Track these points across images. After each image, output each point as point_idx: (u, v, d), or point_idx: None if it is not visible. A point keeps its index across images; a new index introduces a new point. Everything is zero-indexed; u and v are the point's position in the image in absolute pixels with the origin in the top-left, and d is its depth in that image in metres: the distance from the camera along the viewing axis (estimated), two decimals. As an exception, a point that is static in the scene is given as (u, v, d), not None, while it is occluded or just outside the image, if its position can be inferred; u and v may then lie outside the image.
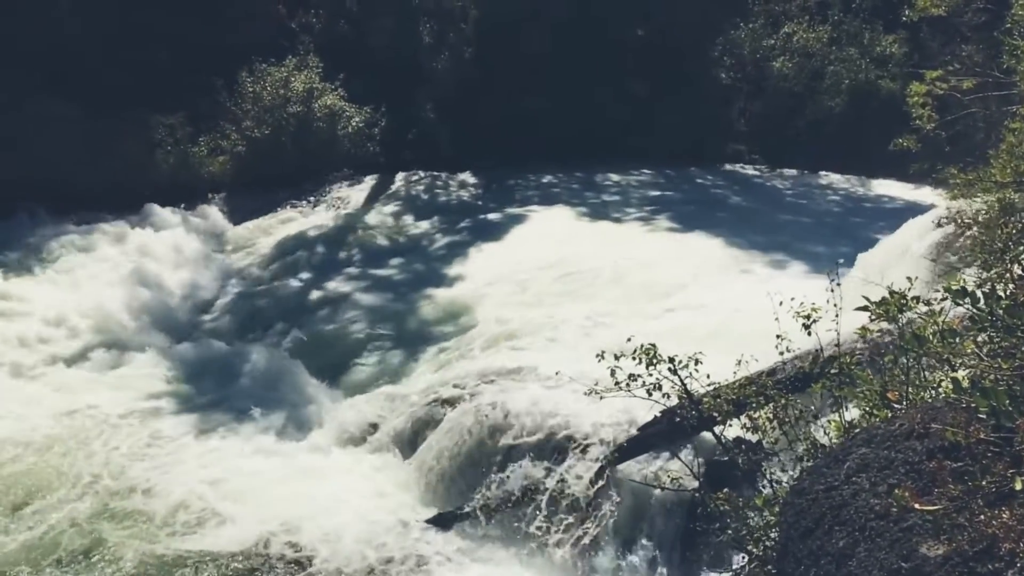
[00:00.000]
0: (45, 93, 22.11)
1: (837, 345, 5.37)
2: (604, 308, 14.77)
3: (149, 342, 15.78)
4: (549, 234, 20.04)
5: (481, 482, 10.77)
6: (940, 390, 4.33)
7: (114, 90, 22.73)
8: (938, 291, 4.27)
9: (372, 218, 22.84)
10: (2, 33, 22.74)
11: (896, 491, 3.04)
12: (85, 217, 20.88)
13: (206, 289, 18.93)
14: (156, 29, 24.04)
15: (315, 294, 18.00)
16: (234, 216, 23.31)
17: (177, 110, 24.45)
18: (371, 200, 24.37)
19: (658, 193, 24.72)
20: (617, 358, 5.69)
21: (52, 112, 22.04)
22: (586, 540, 9.70)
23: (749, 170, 28.64)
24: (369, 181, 25.53)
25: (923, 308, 4.28)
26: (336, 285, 18.24)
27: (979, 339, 3.79)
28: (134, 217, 21.52)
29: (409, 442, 11.91)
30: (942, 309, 4.14)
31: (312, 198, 24.29)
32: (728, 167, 28.71)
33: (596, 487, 9.77)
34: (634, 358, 5.74)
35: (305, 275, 19.11)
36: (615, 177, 26.26)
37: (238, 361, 14.96)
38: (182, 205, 22.77)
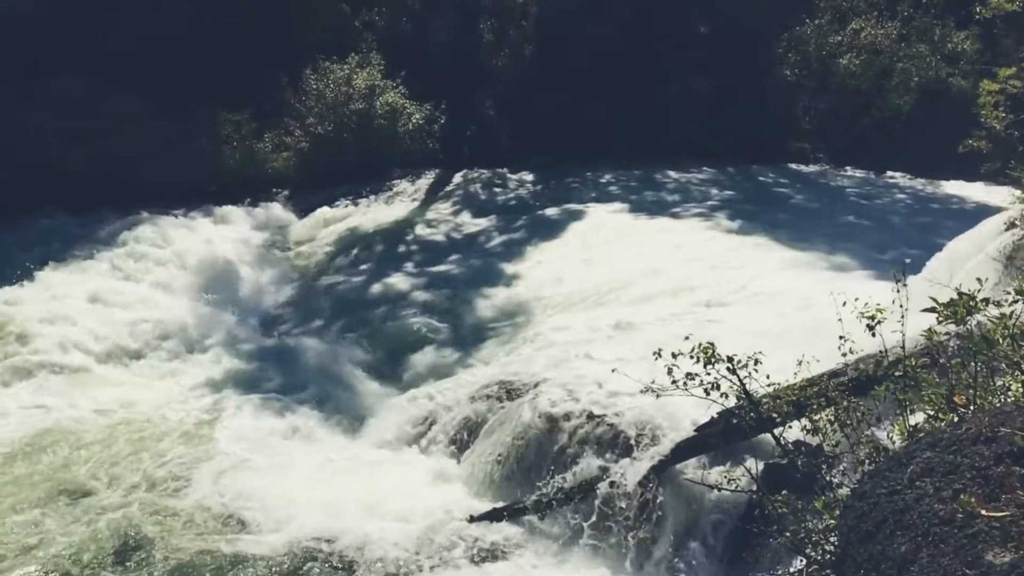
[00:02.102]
0: (118, 92, 22.88)
1: (902, 347, 5.25)
2: (662, 307, 14.65)
3: (210, 335, 16.06)
4: (608, 233, 19.95)
5: (535, 479, 10.79)
6: (1009, 394, 4.22)
7: (184, 88, 23.38)
8: (1009, 293, 4.15)
9: (431, 214, 23.04)
10: (78, 34, 23.55)
11: (961, 496, 2.97)
12: (154, 211, 21.41)
13: (268, 283, 19.33)
14: (224, 28, 24.62)
15: (374, 289, 18.22)
16: (297, 211, 23.78)
17: (243, 107, 25.03)
18: (430, 196, 24.59)
19: (719, 192, 24.42)
20: (675, 356, 5.64)
21: (125, 110, 22.84)
22: (641, 539, 9.66)
23: (813, 169, 28.13)
24: (428, 177, 25.78)
25: (993, 311, 4.17)
26: (394, 280, 18.44)
27: (1052, 343, 3.69)
28: (201, 211, 22.08)
29: (463, 438, 11.98)
30: (1013, 312, 4.03)
31: (372, 194, 24.62)
32: (792, 166, 28.24)
33: (652, 486, 9.70)
34: (691, 357, 5.68)
35: (364, 270, 19.38)
36: (675, 175, 26.03)
37: (297, 355, 15.20)
38: (247, 200, 23.28)
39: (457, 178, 26.02)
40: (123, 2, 23.85)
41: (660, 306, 14.65)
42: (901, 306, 5.25)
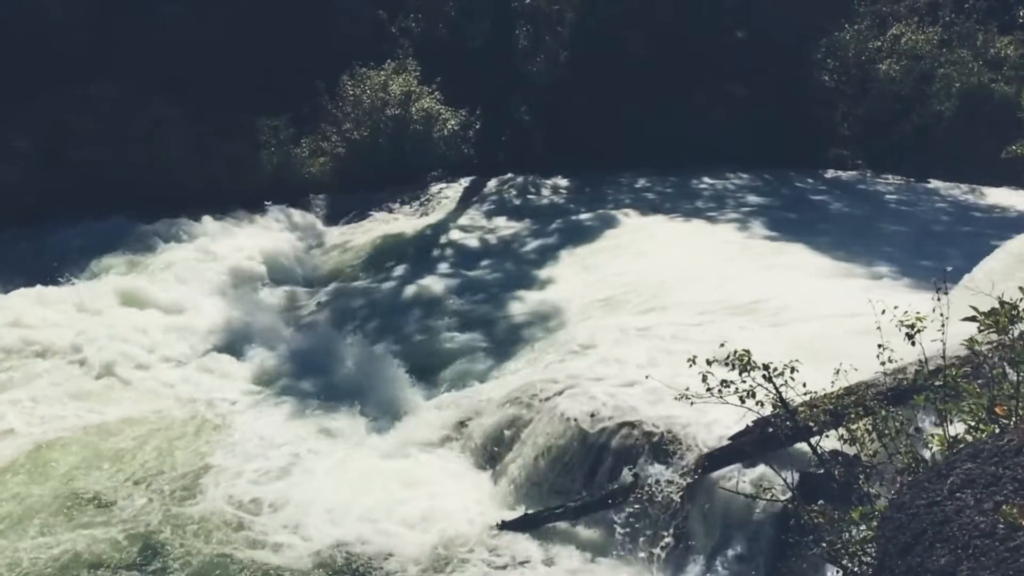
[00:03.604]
0: (155, 96, 23.20)
1: (943, 357, 5.17)
2: (697, 315, 14.55)
3: (242, 340, 16.00)
4: (642, 239, 19.85)
5: (567, 485, 10.75)
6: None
7: (222, 94, 23.66)
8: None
9: (465, 219, 23.09)
10: (113, 37, 23.98)
11: (1003, 508, 2.92)
12: (191, 216, 21.62)
13: (303, 287, 19.49)
14: (262, 34, 24.91)
15: (407, 294, 18.28)
16: (332, 216, 23.98)
17: (281, 112, 25.27)
18: (464, 201, 24.66)
19: (756, 198, 24.22)
20: (709, 363, 5.60)
21: (161, 114, 23.17)
22: (673, 548, 9.58)
23: (852, 175, 27.81)
24: (463, 183, 25.85)
25: (1037, 320, 4.09)
26: (427, 285, 18.49)
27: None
28: (237, 216, 22.30)
29: (495, 444, 11.96)
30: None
31: (407, 199, 24.75)
32: (830, 172, 27.95)
33: (686, 494, 9.63)
34: (726, 364, 5.63)
35: (398, 275, 19.45)
36: (711, 181, 25.86)
37: (329, 359, 15.18)
38: (283, 204, 23.50)
39: (491, 183, 26.06)
40: (164, 9, 24.26)
41: (694, 312, 14.55)
42: (942, 315, 5.17)
